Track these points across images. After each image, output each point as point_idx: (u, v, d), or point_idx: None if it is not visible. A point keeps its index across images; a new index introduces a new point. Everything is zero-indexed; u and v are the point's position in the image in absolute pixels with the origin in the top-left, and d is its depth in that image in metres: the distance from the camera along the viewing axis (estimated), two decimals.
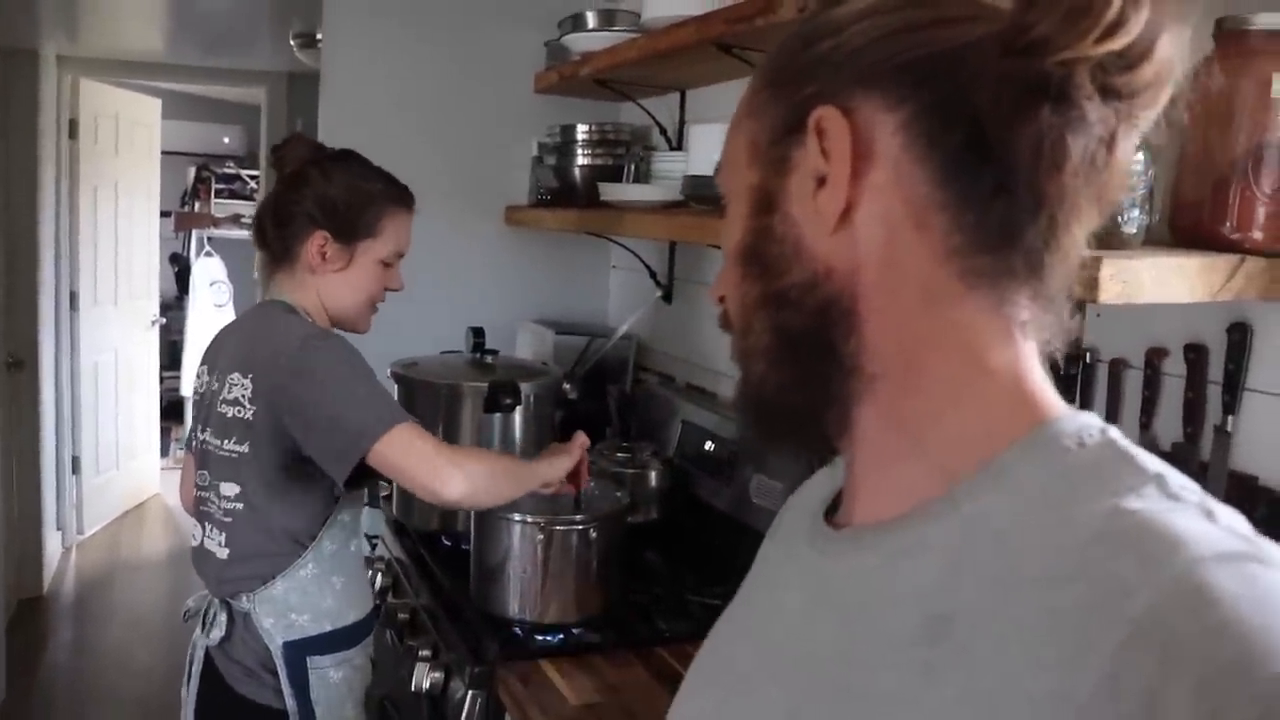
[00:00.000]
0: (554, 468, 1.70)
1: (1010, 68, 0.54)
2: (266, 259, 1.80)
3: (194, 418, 1.78)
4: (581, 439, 1.75)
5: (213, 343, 1.81)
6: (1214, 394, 1.26)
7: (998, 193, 0.57)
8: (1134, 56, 0.53)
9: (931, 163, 0.58)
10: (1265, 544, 0.51)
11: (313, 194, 1.73)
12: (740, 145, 0.66)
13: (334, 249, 1.73)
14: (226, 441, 1.65)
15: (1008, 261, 0.58)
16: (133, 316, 5.63)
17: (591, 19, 2.30)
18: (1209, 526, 0.51)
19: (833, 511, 0.70)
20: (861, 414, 0.62)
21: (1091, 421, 0.59)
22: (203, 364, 1.78)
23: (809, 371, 0.63)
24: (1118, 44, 0.52)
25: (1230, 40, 1.08)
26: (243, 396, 1.62)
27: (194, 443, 1.76)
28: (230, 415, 1.64)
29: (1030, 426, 0.59)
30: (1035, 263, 0.58)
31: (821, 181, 0.60)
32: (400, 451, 1.54)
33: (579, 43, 2.32)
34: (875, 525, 0.63)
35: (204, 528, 1.72)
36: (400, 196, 1.80)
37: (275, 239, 1.76)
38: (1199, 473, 1.26)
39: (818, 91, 0.60)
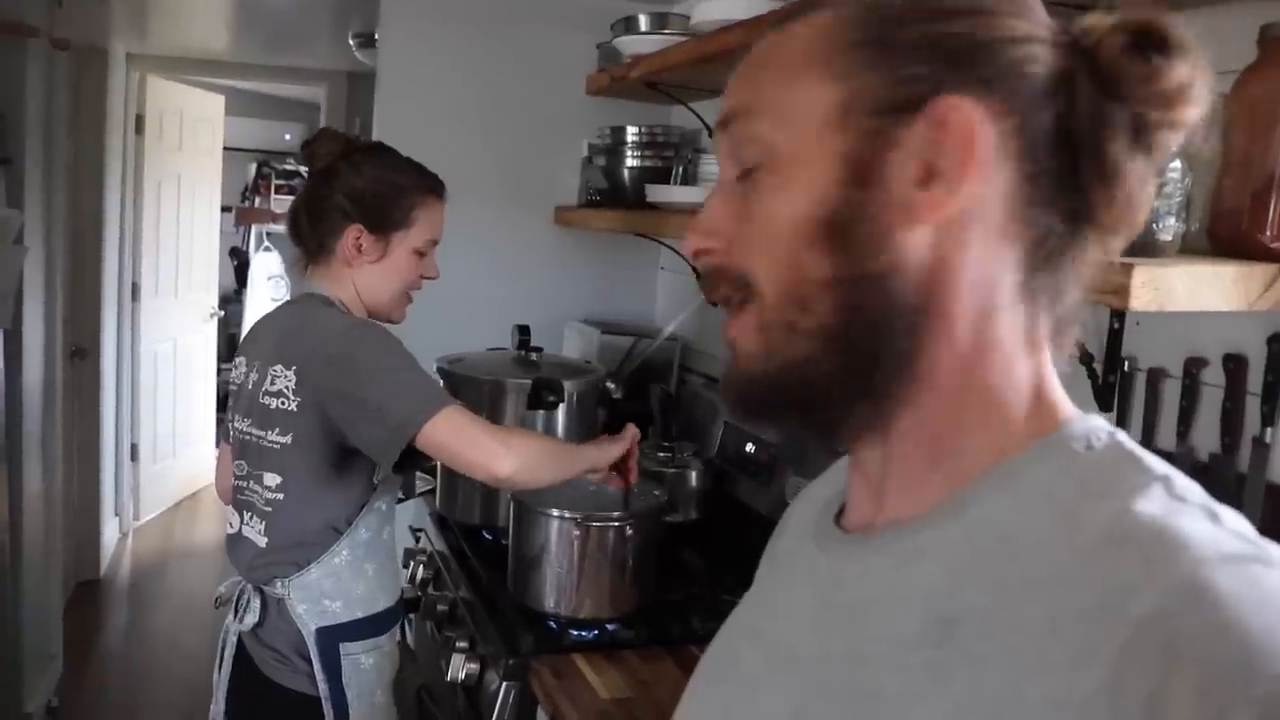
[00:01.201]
0: (603, 453, 1.71)
1: (1116, 112, 0.57)
2: (302, 254, 1.83)
3: (232, 408, 1.80)
4: (633, 430, 1.76)
5: (249, 334, 1.84)
6: (1253, 405, 1.24)
7: (1068, 221, 0.59)
8: (1197, 119, 0.58)
9: (1026, 178, 0.58)
10: (1269, 546, 0.51)
11: (344, 188, 1.76)
12: (812, 101, 0.60)
13: (369, 241, 1.76)
14: (270, 432, 1.68)
15: (1048, 280, 0.60)
16: (192, 308, 5.74)
17: (643, 22, 2.32)
18: (1214, 528, 0.52)
19: (841, 512, 0.70)
20: (900, 418, 0.61)
21: (1100, 425, 0.60)
22: (240, 355, 1.81)
23: (867, 361, 0.60)
24: (1199, 115, 0.57)
25: (1274, 47, 1.07)
26: (286, 388, 1.65)
27: (231, 433, 1.79)
28: (274, 406, 1.66)
29: (1042, 432, 0.60)
30: (1063, 285, 0.61)
31: (928, 171, 0.58)
32: (449, 433, 1.57)
33: (630, 45, 2.34)
34: (887, 528, 0.63)
35: (242, 515, 1.75)
36: (431, 186, 1.82)
37: (310, 234, 1.79)
38: (1236, 484, 1.25)
39: (933, 75, 0.58)
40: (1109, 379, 1.39)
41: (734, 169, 0.65)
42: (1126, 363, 1.38)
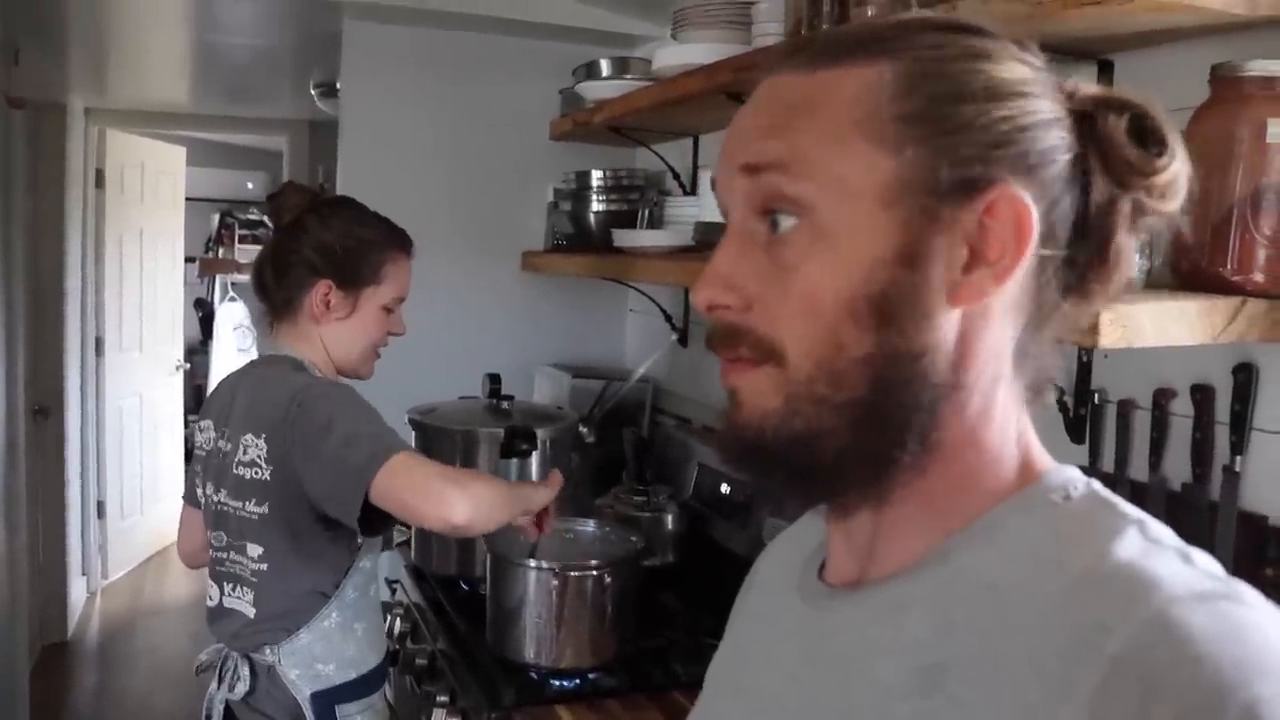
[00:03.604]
0: (537, 494, 1.67)
1: (1119, 197, 0.60)
2: (268, 310, 1.80)
3: (202, 474, 1.76)
4: (557, 477, 1.72)
5: (215, 394, 1.80)
6: (1221, 434, 1.26)
7: (1062, 290, 0.62)
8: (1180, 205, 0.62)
9: (1043, 259, 0.60)
10: (1238, 584, 0.53)
11: (312, 242, 1.73)
12: (864, 170, 0.58)
13: (338, 297, 1.73)
14: (247, 503, 1.65)
15: (1037, 344, 0.63)
16: (157, 362, 5.68)
17: (605, 67, 2.34)
18: (1185, 569, 0.54)
19: (822, 566, 0.71)
20: (908, 482, 0.61)
21: (1075, 475, 0.62)
22: (206, 418, 1.77)
23: (889, 437, 0.59)
24: (1183, 199, 0.61)
25: (1226, 86, 1.10)
26: (259, 458, 1.62)
27: (203, 501, 1.76)
28: (249, 477, 1.64)
29: (1023, 484, 0.62)
30: (1049, 340, 0.64)
31: (974, 255, 0.58)
32: (401, 481, 1.51)
33: (593, 90, 2.36)
34: (873, 581, 0.64)
35: (223, 587, 1.71)
36: (400, 241, 1.80)
37: (276, 289, 1.76)
38: (1209, 513, 1.26)
39: (987, 159, 0.58)
40: (1080, 412, 1.41)
41: (755, 218, 0.62)
42: (1096, 395, 1.40)
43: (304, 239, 1.74)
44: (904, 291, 0.58)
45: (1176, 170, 0.59)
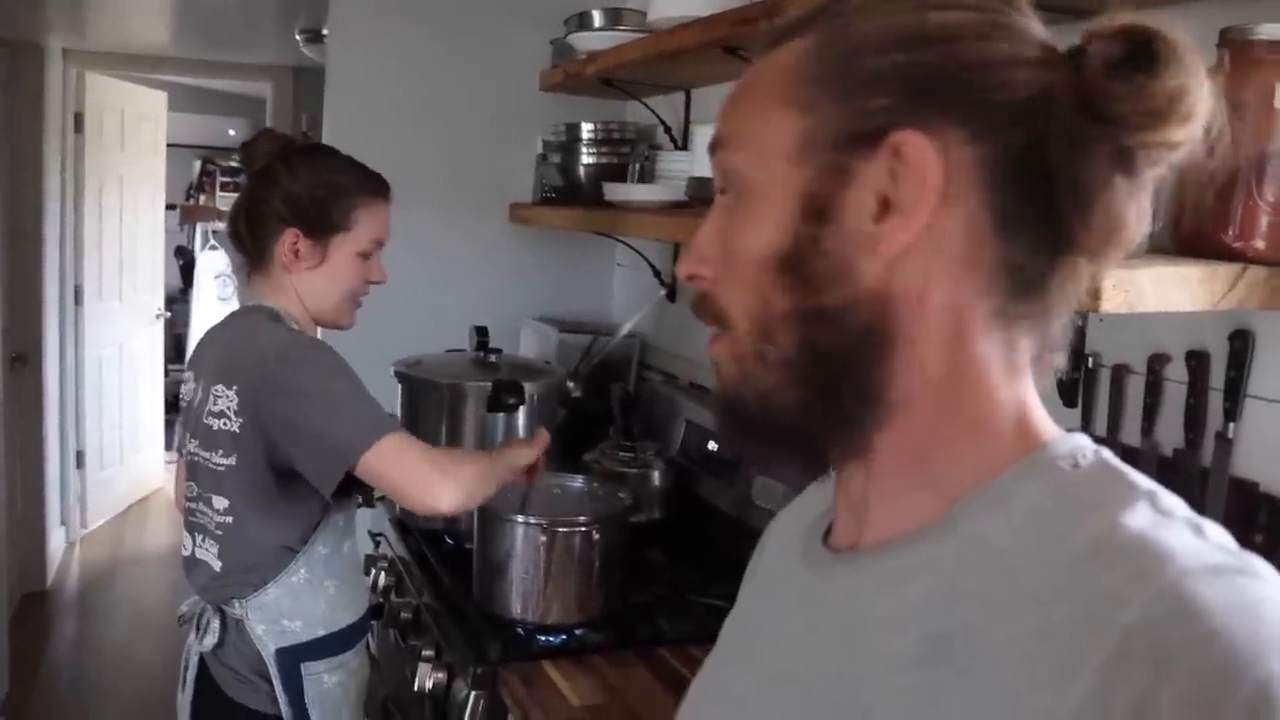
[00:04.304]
0: (520, 455, 1.68)
1: (1093, 135, 0.55)
2: (244, 261, 1.77)
3: (182, 424, 1.75)
4: (543, 435, 1.74)
5: (198, 347, 1.78)
6: (1215, 401, 1.26)
7: (1047, 245, 0.58)
8: (1196, 136, 0.55)
9: (994, 205, 0.58)
10: (1251, 557, 0.52)
11: (280, 192, 1.70)
12: (778, 134, 0.60)
13: (306, 246, 1.70)
14: (214, 454, 1.63)
15: (1031, 306, 0.60)
16: (137, 310, 5.64)
17: (598, 18, 2.30)
18: (1198, 541, 0.53)
19: (827, 532, 0.70)
20: (880, 441, 0.62)
21: (1085, 443, 0.61)
22: (189, 369, 1.76)
23: (831, 393, 0.61)
24: (1194, 129, 0.55)
25: (1234, 50, 1.08)
26: (228, 409, 1.60)
27: (183, 450, 1.75)
28: (216, 427, 1.61)
29: (1027, 451, 0.60)
30: (1050, 308, 0.61)
31: (885, 204, 0.58)
32: (389, 464, 1.52)
33: (585, 41, 2.32)
34: (876, 547, 0.63)
35: (194, 538, 1.71)
36: (373, 186, 1.76)
37: (249, 240, 1.73)
38: (1200, 479, 1.26)
39: (892, 107, 0.57)
40: (1073, 376, 1.40)
41: (721, 193, 0.65)
42: (1090, 359, 1.39)
43: (273, 189, 1.70)
44: (813, 246, 0.59)
45: (1171, 89, 0.54)
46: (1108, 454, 0.60)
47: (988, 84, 0.57)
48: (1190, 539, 0.53)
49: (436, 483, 1.52)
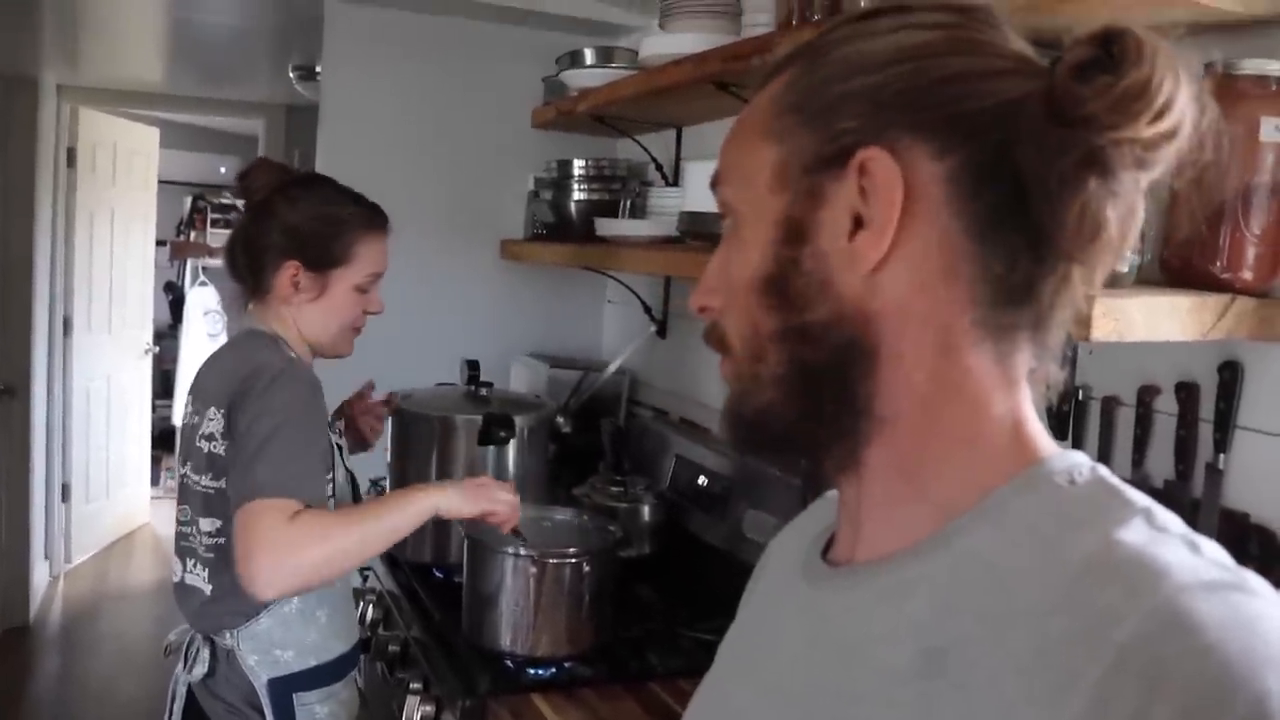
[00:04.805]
0: (446, 499, 1.59)
1: (1062, 138, 0.55)
2: (242, 291, 1.77)
3: (178, 449, 1.74)
4: (488, 481, 1.68)
5: (200, 370, 1.77)
6: (1205, 432, 1.26)
7: (1028, 252, 0.58)
8: (1172, 132, 0.54)
9: (969, 216, 0.58)
10: (1246, 574, 0.53)
11: (280, 224, 1.69)
12: (759, 165, 0.63)
13: (306, 279, 1.70)
14: (205, 477, 1.62)
15: (1020, 316, 0.60)
16: (126, 344, 5.61)
17: (590, 56, 2.32)
18: (1193, 557, 0.53)
19: (827, 548, 0.71)
20: (870, 454, 0.63)
21: (1081, 460, 0.61)
22: (189, 394, 1.75)
23: (821, 407, 0.62)
24: (1167, 125, 0.54)
25: (1219, 84, 1.10)
26: (217, 431, 1.59)
27: (177, 474, 1.73)
28: (207, 450, 1.61)
29: (1024, 467, 0.60)
30: (1043, 318, 0.61)
31: (858, 222, 0.59)
32: (240, 525, 1.44)
33: (577, 79, 2.35)
34: (872, 562, 0.63)
35: (185, 563, 1.69)
36: (372, 219, 1.76)
37: (247, 271, 1.73)
38: (1191, 510, 1.26)
39: (860, 128, 0.59)
40: (1063, 408, 1.41)
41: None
42: (1080, 392, 1.40)
43: (272, 221, 1.70)
44: (794, 268, 0.61)
45: (1134, 84, 0.53)
46: (1104, 471, 0.60)
47: (954, 96, 0.58)
48: (1186, 555, 0.53)
49: (260, 563, 1.41)
